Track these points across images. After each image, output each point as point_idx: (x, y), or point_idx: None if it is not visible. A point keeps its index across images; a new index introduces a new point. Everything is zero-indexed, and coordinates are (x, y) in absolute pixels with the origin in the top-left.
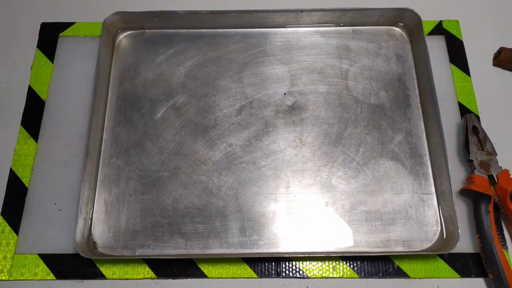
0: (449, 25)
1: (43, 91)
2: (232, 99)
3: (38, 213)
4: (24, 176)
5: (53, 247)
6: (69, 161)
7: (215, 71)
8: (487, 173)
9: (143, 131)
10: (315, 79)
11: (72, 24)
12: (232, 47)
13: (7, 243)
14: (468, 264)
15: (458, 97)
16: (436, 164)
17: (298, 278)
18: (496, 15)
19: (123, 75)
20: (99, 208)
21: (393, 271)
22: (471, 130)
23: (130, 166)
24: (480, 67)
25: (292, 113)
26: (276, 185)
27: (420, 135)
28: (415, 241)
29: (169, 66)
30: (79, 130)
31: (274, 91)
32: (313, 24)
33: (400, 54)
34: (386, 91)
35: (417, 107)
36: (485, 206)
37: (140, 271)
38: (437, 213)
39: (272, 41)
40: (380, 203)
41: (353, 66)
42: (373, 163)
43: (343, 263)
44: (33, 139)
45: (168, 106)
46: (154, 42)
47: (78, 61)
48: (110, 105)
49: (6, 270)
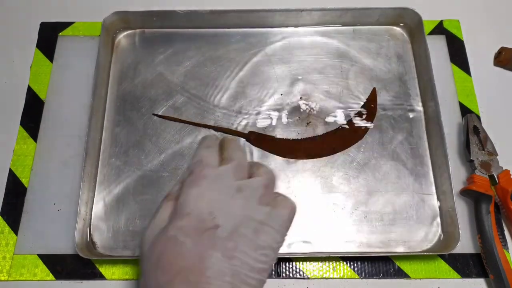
0: (450, 24)
1: (43, 91)
2: (232, 99)
3: (37, 214)
4: (24, 176)
5: (52, 247)
6: (68, 161)
7: (215, 71)
8: (488, 173)
9: (143, 131)
10: (315, 79)
11: (71, 23)
12: (232, 47)
13: (6, 244)
14: (468, 265)
15: (458, 97)
16: (437, 164)
17: (298, 278)
18: (497, 15)
19: (123, 75)
20: (99, 209)
21: (393, 272)
22: (472, 130)
23: (129, 166)
24: (481, 67)
25: (292, 113)
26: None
27: (421, 135)
28: (416, 241)
29: (168, 66)
30: (79, 130)
31: (274, 91)
32: (314, 23)
33: (401, 53)
34: (386, 91)
35: (418, 107)
36: (486, 206)
37: (140, 271)
38: (437, 214)
39: (272, 41)
40: (380, 204)
41: (353, 65)
42: (373, 163)
43: (343, 263)
44: (32, 139)
45: (168, 106)
46: (153, 42)
47: (78, 61)
48: (110, 105)
49: (6, 271)
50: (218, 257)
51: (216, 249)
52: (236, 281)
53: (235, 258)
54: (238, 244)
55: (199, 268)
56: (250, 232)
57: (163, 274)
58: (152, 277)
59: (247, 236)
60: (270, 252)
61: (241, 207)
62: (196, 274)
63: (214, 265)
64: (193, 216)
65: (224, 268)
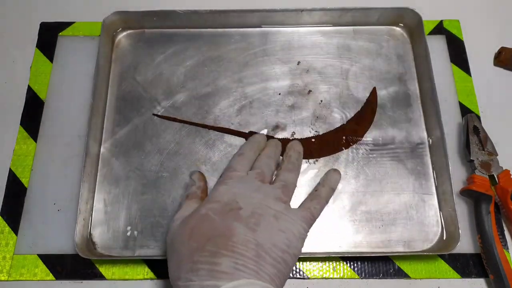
0: (449, 24)
1: (43, 91)
2: (232, 99)
3: (37, 214)
4: (24, 176)
5: (52, 247)
6: (68, 161)
7: (215, 71)
8: (488, 173)
9: (143, 131)
10: (315, 79)
11: (71, 23)
12: (232, 46)
13: (6, 244)
14: (468, 265)
15: (458, 97)
16: (437, 164)
17: (298, 278)
18: (497, 15)
19: (123, 75)
20: (99, 209)
21: (393, 272)
22: (472, 130)
23: (129, 166)
24: (481, 67)
25: (292, 113)
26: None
27: (421, 135)
28: (416, 241)
29: (168, 65)
30: (79, 130)
31: (274, 91)
32: (313, 23)
33: (401, 53)
34: (386, 90)
35: (418, 107)
36: (486, 206)
37: (139, 271)
38: (437, 214)
39: (272, 41)
40: (380, 204)
41: (353, 65)
42: (373, 163)
43: (343, 263)
44: (32, 139)
45: (168, 106)
46: (153, 42)
47: (78, 60)
48: (110, 105)
49: (6, 271)
50: (242, 228)
51: (240, 222)
52: (260, 250)
53: (257, 232)
54: (259, 222)
55: (227, 235)
56: (270, 216)
57: (196, 241)
58: (186, 246)
59: (267, 218)
60: (291, 237)
61: (261, 199)
62: (223, 239)
63: (239, 234)
64: (221, 202)
65: (248, 237)
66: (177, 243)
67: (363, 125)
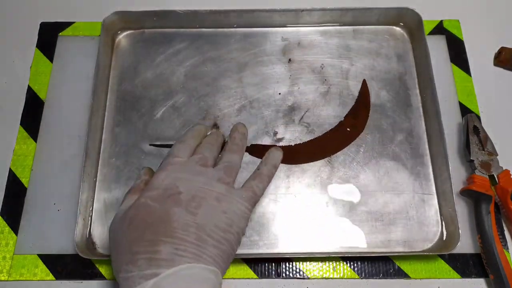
0: (450, 24)
1: (43, 91)
2: (232, 99)
3: (37, 214)
4: (24, 176)
5: (52, 247)
6: (68, 161)
7: (215, 71)
8: (488, 173)
9: (143, 131)
10: (315, 79)
11: (71, 23)
12: (232, 47)
13: (6, 244)
14: (468, 265)
15: (459, 97)
16: (437, 164)
17: (298, 278)
18: (497, 15)
19: (123, 75)
20: (99, 209)
21: (393, 272)
22: (472, 130)
23: (129, 166)
24: (481, 67)
25: (292, 113)
26: (276, 185)
27: (421, 135)
28: (416, 241)
29: (168, 65)
30: (79, 130)
31: (274, 91)
32: (313, 23)
33: (401, 53)
34: (387, 90)
35: (418, 107)
36: (486, 206)
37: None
38: (437, 214)
39: (272, 41)
40: (380, 204)
41: (353, 65)
42: (373, 163)
43: (343, 263)
44: (32, 139)
45: (168, 106)
46: (153, 42)
47: (78, 61)
48: (110, 105)
49: (6, 271)
50: (182, 212)
51: (180, 207)
52: (201, 233)
53: (198, 215)
54: (200, 204)
55: (166, 221)
56: (212, 198)
57: (135, 231)
58: (125, 237)
59: (208, 200)
60: (233, 216)
61: (202, 182)
62: (163, 226)
63: (179, 218)
64: (160, 189)
65: (188, 221)
66: (117, 235)
67: (361, 118)
